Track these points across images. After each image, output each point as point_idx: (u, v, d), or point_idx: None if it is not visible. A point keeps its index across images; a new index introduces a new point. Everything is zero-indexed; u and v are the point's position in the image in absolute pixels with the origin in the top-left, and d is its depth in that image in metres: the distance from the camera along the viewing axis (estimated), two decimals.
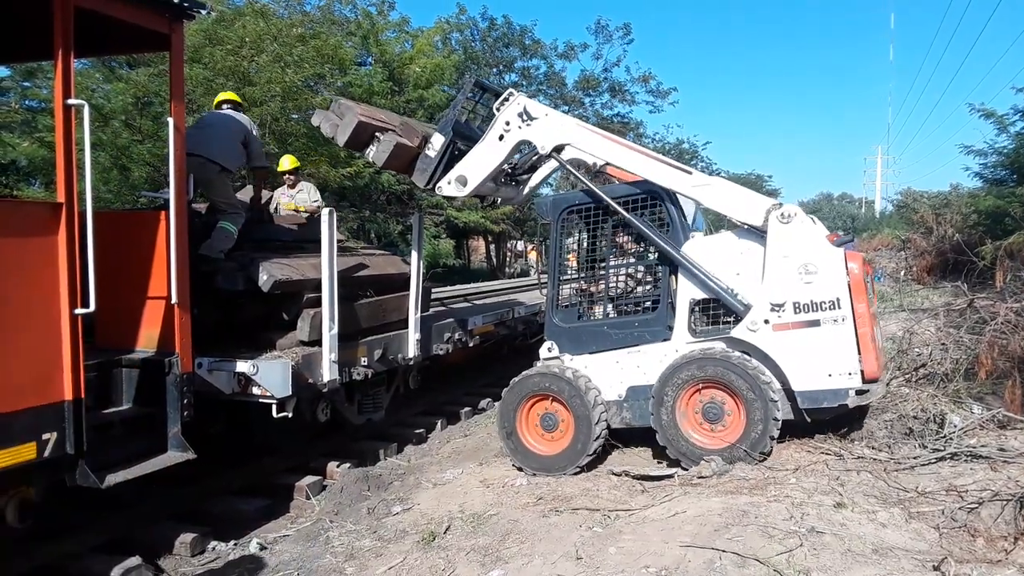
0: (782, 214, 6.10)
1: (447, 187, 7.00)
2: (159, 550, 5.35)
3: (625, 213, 6.53)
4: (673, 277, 6.52)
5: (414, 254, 7.72)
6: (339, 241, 6.90)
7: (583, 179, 6.84)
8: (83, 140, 4.33)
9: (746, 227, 6.35)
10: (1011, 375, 6.89)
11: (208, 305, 6.08)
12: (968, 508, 4.66)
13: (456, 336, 8.78)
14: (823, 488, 5.19)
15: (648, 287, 6.87)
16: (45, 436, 4.15)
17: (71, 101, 4.23)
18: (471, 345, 9.21)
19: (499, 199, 7.90)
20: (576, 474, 6.37)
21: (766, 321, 6.07)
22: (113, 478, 4.54)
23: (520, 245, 31.32)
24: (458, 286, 14.69)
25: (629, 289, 7.01)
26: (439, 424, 8.98)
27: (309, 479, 6.65)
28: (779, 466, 5.77)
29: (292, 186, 8.98)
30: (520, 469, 6.59)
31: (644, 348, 6.48)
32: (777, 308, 6.05)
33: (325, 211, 6.37)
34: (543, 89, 32.00)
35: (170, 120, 4.97)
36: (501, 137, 6.81)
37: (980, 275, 10.49)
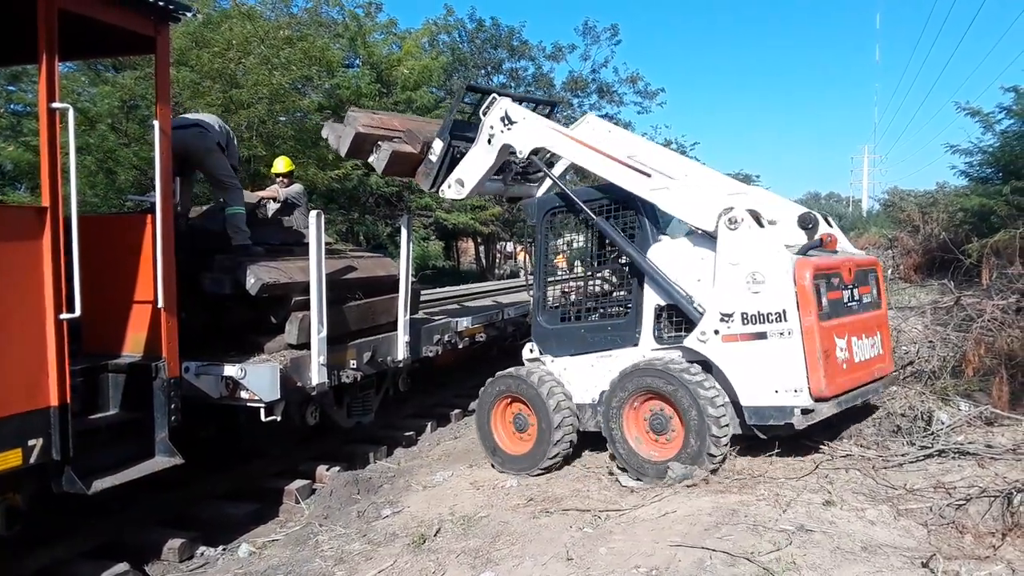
0: (730, 219, 5.79)
1: (448, 190, 7.21)
2: (147, 555, 5.33)
3: (592, 215, 6.49)
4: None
5: (403, 256, 7.70)
6: (327, 243, 6.90)
7: (557, 181, 6.87)
8: (68, 144, 4.30)
9: (700, 232, 6.16)
10: (998, 372, 6.93)
11: (195, 309, 6.06)
12: (956, 505, 4.68)
13: (445, 338, 8.76)
14: (812, 486, 5.21)
15: (622, 291, 6.81)
16: (31, 442, 4.12)
17: (56, 105, 4.21)
18: (460, 347, 9.20)
19: (512, 198, 8.01)
20: (540, 474, 6.44)
21: (716, 331, 5.81)
22: (100, 484, 4.52)
23: (510, 246, 31.33)
24: (447, 288, 14.68)
25: (604, 292, 7.00)
26: (429, 426, 8.96)
27: (298, 483, 6.63)
28: (768, 465, 5.79)
29: (285, 188, 8.97)
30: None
31: (615, 353, 6.40)
32: (726, 318, 5.79)
33: (313, 213, 6.35)
34: (531, 90, 32.00)
35: (156, 123, 4.95)
36: (489, 140, 6.89)
37: (967, 273, 10.58)
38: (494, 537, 5.07)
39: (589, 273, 7.02)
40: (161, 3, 4.84)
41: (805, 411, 5.53)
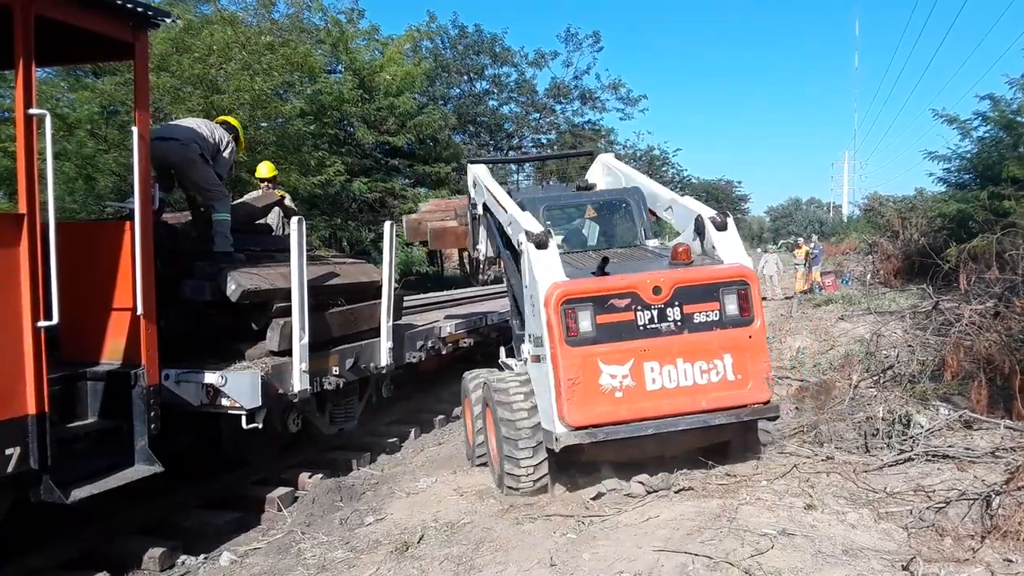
0: (517, 242, 5.94)
1: (477, 251, 8.16)
2: (127, 565, 5.26)
3: (497, 234, 7.01)
4: None
5: (386, 262, 7.69)
6: (309, 249, 6.88)
7: (493, 194, 7.09)
8: (45, 150, 4.26)
9: None
10: (976, 376, 7.00)
11: (175, 316, 6.01)
12: (936, 508, 4.72)
13: (429, 344, 8.76)
14: (794, 490, 5.24)
15: None
16: (8, 451, 4.07)
17: (32, 111, 4.17)
18: (444, 353, 9.19)
19: None
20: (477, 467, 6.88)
21: (528, 351, 6.02)
22: (79, 493, 4.46)
23: None
24: (431, 294, 14.67)
25: None
26: (412, 433, 8.94)
27: (280, 491, 6.58)
28: (750, 469, 5.81)
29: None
30: None
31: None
32: (530, 339, 5.95)
33: (295, 219, 6.33)
34: (514, 97, 32.11)
35: (135, 129, 4.91)
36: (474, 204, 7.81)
37: (945, 278, 10.67)
38: (478, 544, 5.06)
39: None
40: (140, 9, 4.81)
41: (558, 438, 5.40)
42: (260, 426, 5.96)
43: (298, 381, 6.26)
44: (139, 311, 4.85)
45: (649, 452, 5.76)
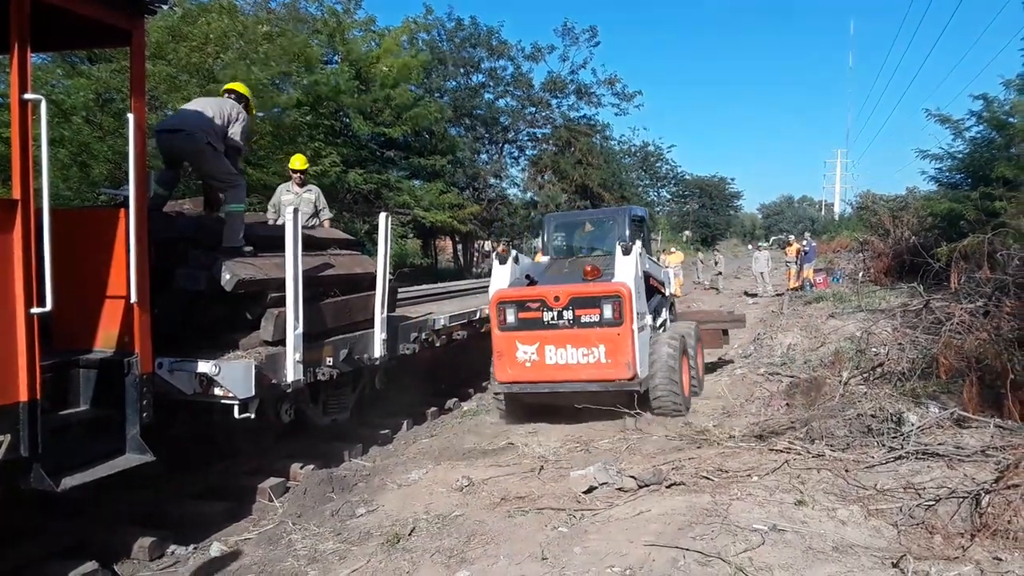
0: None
1: None
2: (117, 554, 5.25)
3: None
4: None
5: (380, 254, 7.67)
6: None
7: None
8: (40, 136, 4.23)
9: None
10: (967, 375, 7.03)
11: (169, 304, 5.99)
12: (926, 505, 4.75)
13: (423, 336, 8.75)
14: (784, 486, 5.26)
15: None
16: None
17: (28, 96, 4.13)
18: (438, 345, 9.18)
19: None
20: None
21: None
22: (69, 481, 4.44)
23: (488, 245, 31.33)
24: (425, 286, 14.64)
25: None
26: (405, 425, 8.94)
27: (272, 481, 6.57)
28: (741, 465, 5.84)
29: (300, 184, 9.34)
30: None
31: None
32: None
33: (289, 210, 6.31)
34: (510, 90, 32.06)
35: (130, 116, 4.87)
36: None
37: (936, 277, 10.70)
38: (469, 536, 5.07)
39: None
40: None
41: (494, 388, 8.59)
42: (253, 416, 5.94)
43: (292, 371, 6.25)
44: (133, 299, 4.83)
45: (562, 402, 8.29)
